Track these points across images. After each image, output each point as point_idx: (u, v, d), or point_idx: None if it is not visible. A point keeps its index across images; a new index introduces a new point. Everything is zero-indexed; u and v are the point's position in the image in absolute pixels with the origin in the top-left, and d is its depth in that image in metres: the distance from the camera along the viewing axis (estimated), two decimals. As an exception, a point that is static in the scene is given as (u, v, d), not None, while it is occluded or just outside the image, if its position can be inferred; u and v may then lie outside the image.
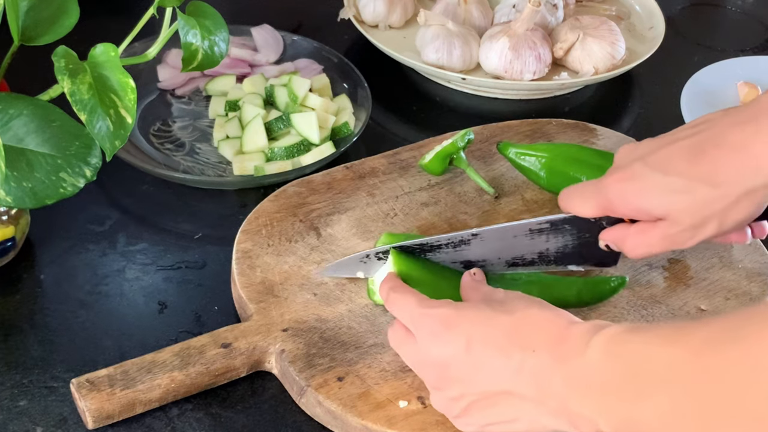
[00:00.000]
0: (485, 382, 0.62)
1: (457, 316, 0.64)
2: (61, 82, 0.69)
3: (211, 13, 0.80)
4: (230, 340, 0.72)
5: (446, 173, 0.91)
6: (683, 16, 1.31)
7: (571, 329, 0.60)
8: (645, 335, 0.55)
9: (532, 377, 0.60)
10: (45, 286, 0.82)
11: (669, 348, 0.53)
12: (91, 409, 0.67)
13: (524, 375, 0.60)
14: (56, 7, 0.78)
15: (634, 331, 0.56)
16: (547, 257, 0.77)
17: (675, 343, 0.52)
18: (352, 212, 0.86)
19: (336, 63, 1.06)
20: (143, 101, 1.01)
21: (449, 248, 0.76)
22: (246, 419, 0.72)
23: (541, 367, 0.59)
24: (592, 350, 0.57)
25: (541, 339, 0.60)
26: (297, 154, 0.94)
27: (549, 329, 0.61)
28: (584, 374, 0.57)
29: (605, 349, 0.56)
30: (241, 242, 0.81)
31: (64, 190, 0.72)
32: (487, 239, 0.76)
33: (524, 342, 0.61)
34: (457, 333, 0.63)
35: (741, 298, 0.80)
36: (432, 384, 0.66)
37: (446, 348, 0.64)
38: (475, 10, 1.13)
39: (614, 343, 0.56)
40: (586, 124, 1.00)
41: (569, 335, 0.59)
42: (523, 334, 0.61)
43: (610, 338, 0.56)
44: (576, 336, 0.59)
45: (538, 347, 0.60)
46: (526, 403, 0.61)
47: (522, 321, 0.62)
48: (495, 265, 0.78)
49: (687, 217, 0.68)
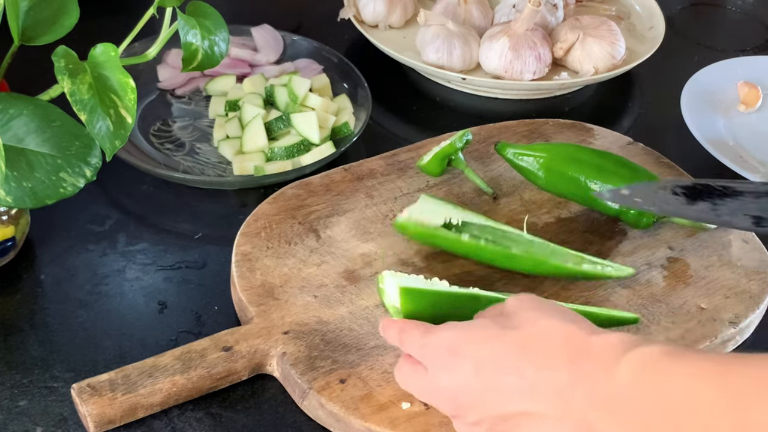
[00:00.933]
0: (500, 405, 0.60)
1: (462, 339, 0.62)
2: (61, 82, 0.69)
3: (211, 13, 0.80)
4: (231, 344, 0.72)
5: (444, 174, 0.91)
6: (683, 16, 1.31)
7: (592, 342, 0.58)
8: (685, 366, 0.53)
9: (550, 394, 0.57)
10: (45, 286, 0.81)
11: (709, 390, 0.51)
12: (92, 415, 0.67)
13: (540, 393, 0.58)
14: (56, 7, 0.78)
15: (673, 358, 0.54)
16: None
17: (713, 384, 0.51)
18: (351, 214, 0.86)
19: (336, 63, 1.06)
20: (143, 101, 1.01)
21: (750, 197, 0.72)
22: (246, 420, 0.72)
23: (559, 384, 0.57)
24: (624, 371, 0.55)
25: (556, 353, 0.58)
26: (297, 154, 0.94)
27: (564, 342, 0.58)
28: (613, 394, 0.55)
29: (640, 373, 0.54)
30: (241, 245, 0.81)
31: (64, 190, 0.72)
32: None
33: (537, 358, 0.59)
34: (464, 357, 0.61)
35: (740, 296, 0.80)
36: (450, 412, 0.64)
37: (455, 375, 0.61)
38: (475, 10, 1.13)
39: (650, 369, 0.54)
40: (583, 124, 1.00)
41: (591, 349, 0.57)
42: (534, 350, 0.59)
43: (646, 361, 0.54)
44: (601, 350, 0.57)
45: (553, 363, 0.58)
46: (546, 423, 0.58)
47: (532, 335, 0.60)
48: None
49: None
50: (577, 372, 0.57)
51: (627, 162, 0.86)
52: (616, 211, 0.85)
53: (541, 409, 0.58)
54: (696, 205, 0.72)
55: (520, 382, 0.59)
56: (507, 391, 0.59)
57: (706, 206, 0.72)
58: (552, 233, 0.85)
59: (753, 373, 0.51)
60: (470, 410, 0.62)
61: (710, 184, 0.72)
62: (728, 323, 0.78)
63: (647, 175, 0.85)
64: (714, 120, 1.04)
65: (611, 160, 0.86)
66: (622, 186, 0.74)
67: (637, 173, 0.85)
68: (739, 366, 0.52)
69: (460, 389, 0.61)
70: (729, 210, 0.72)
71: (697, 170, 0.94)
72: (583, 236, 0.86)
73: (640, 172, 0.85)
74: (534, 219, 0.87)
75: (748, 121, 1.06)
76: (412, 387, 0.66)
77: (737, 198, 0.72)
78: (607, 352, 0.56)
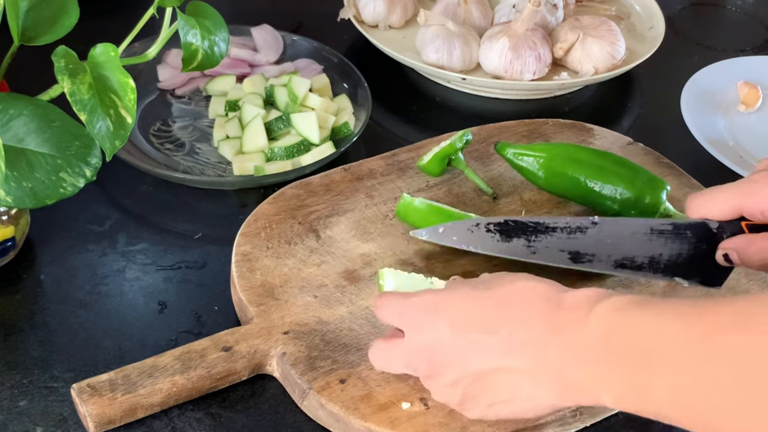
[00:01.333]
0: (475, 362, 0.61)
1: (438, 299, 0.64)
2: (61, 82, 0.69)
3: (211, 13, 0.80)
4: (231, 344, 0.72)
5: (444, 174, 0.91)
6: (683, 16, 1.31)
7: (565, 297, 0.59)
8: (654, 309, 0.54)
9: (524, 349, 0.58)
10: (45, 286, 0.81)
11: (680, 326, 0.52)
12: (92, 415, 0.67)
13: (515, 348, 0.59)
14: (56, 7, 0.78)
15: (642, 304, 0.55)
16: (657, 264, 0.74)
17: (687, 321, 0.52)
18: (350, 214, 0.86)
19: (336, 63, 1.06)
20: (143, 101, 1.01)
21: (564, 233, 0.74)
22: (246, 420, 0.72)
23: (533, 338, 0.58)
24: (596, 319, 0.56)
25: (530, 310, 0.59)
26: (297, 154, 0.94)
27: (538, 299, 0.60)
28: (586, 344, 0.56)
29: (611, 320, 0.55)
30: (241, 245, 0.81)
31: (64, 190, 0.72)
32: (605, 231, 0.74)
33: (511, 315, 0.60)
34: (440, 316, 0.63)
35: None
36: (424, 373, 0.65)
37: (432, 333, 0.63)
38: (475, 10, 1.13)
39: (621, 314, 0.55)
40: (583, 124, 1.00)
41: (564, 304, 0.58)
42: (509, 307, 0.60)
43: (616, 308, 0.56)
44: (573, 304, 0.58)
45: (527, 318, 0.59)
46: (521, 378, 0.59)
47: (507, 294, 0.61)
48: (602, 263, 0.74)
49: None
50: (550, 326, 0.58)
51: (627, 162, 0.86)
52: (616, 211, 0.85)
53: (517, 364, 0.59)
54: (511, 242, 0.74)
55: (495, 339, 0.60)
56: (482, 348, 0.60)
57: (521, 243, 0.74)
58: (552, 233, 0.85)
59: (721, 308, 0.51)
60: (446, 369, 0.63)
61: (522, 221, 0.74)
62: (728, 323, 0.78)
63: (647, 175, 0.85)
64: (714, 120, 1.04)
65: (611, 160, 0.86)
66: (439, 225, 0.76)
67: (637, 173, 0.85)
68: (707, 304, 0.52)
69: (436, 347, 0.63)
70: (544, 246, 0.74)
71: (697, 170, 0.94)
72: (583, 236, 0.86)
73: (640, 172, 0.85)
74: (534, 219, 0.87)
75: (748, 121, 1.06)
76: (388, 361, 0.67)
77: (551, 234, 0.74)
78: (579, 304, 0.57)
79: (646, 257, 0.74)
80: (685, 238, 0.73)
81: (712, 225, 0.72)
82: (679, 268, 0.74)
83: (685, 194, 0.90)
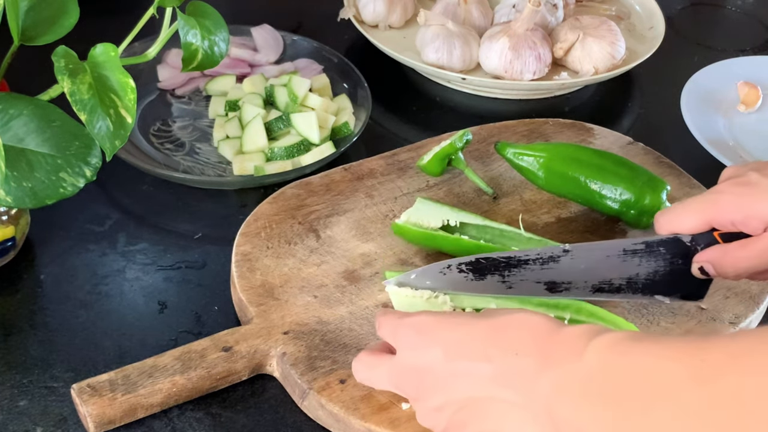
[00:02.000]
0: (465, 389, 0.60)
1: (433, 322, 0.63)
2: (61, 82, 0.69)
3: (211, 13, 0.80)
4: (231, 344, 0.72)
5: (445, 174, 0.91)
6: (683, 16, 1.31)
7: (561, 332, 0.58)
8: (649, 347, 0.53)
9: (515, 379, 0.58)
10: (45, 286, 0.81)
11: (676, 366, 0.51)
12: (92, 415, 0.67)
13: (507, 378, 0.58)
14: (56, 7, 0.78)
15: (637, 341, 0.54)
16: (635, 284, 0.73)
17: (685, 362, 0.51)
18: (351, 214, 0.86)
19: (336, 63, 1.06)
20: (143, 101, 1.01)
21: (536, 265, 0.72)
22: (246, 419, 0.72)
23: (525, 370, 0.57)
24: (590, 356, 0.55)
25: (525, 341, 0.58)
26: (297, 154, 0.94)
27: (534, 331, 0.59)
28: (578, 380, 0.55)
29: (605, 356, 0.54)
30: (241, 245, 0.81)
31: (64, 190, 0.72)
32: (578, 257, 0.72)
33: (506, 344, 0.59)
34: (434, 339, 0.62)
35: (740, 296, 0.80)
36: (413, 395, 0.64)
37: (424, 355, 0.62)
38: (475, 10, 1.13)
39: (616, 351, 0.54)
40: (583, 124, 1.00)
41: (559, 338, 0.57)
42: (504, 337, 0.59)
43: (611, 345, 0.55)
44: (568, 339, 0.57)
45: (521, 350, 0.58)
46: (510, 410, 0.58)
47: (503, 323, 0.60)
48: (579, 290, 0.73)
49: None
50: (544, 359, 0.57)
51: (627, 162, 0.86)
52: (616, 211, 0.85)
53: (505, 395, 0.58)
54: (485, 279, 0.72)
55: (487, 367, 0.59)
56: (473, 375, 0.59)
57: (495, 279, 0.73)
58: (552, 233, 0.85)
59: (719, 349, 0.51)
60: (435, 393, 0.62)
61: (493, 257, 0.73)
62: (728, 323, 0.78)
63: (647, 175, 0.85)
64: (714, 120, 1.04)
65: (611, 160, 0.86)
66: (411, 271, 0.73)
67: (636, 173, 0.85)
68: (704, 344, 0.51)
69: (426, 371, 0.62)
70: (519, 280, 0.72)
71: (697, 170, 0.94)
72: (583, 236, 0.86)
73: (640, 172, 0.85)
74: (534, 219, 0.87)
75: (748, 121, 1.06)
76: (372, 375, 0.66)
77: (524, 267, 0.72)
78: (574, 339, 0.57)
79: (623, 279, 0.73)
80: (660, 255, 0.72)
81: (685, 239, 0.72)
82: (658, 286, 0.73)
83: (685, 194, 0.90)
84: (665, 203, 0.84)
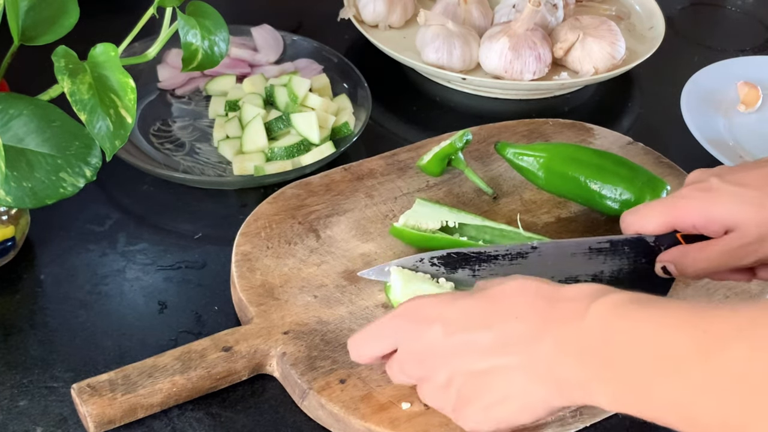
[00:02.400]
0: (467, 361, 0.61)
1: (427, 304, 0.64)
2: (61, 82, 0.69)
3: (211, 13, 0.80)
4: (231, 344, 0.72)
5: (445, 174, 0.91)
6: (683, 16, 1.31)
7: (561, 292, 0.59)
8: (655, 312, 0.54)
9: (516, 344, 0.58)
10: (45, 286, 0.81)
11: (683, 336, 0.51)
12: (92, 415, 0.67)
13: (507, 344, 0.59)
14: (56, 7, 0.78)
15: (642, 305, 0.55)
16: (600, 281, 0.75)
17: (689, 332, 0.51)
18: (350, 214, 0.86)
19: (336, 63, 1.06)
20: (143, 101, 1.01)
21: (505, 260, 0.75)
22: (246, 419, 0.72)
23: (526, 332, 0.58)
24: (593, 316, 0.55)
25: (523, 306, 0.59)
26: (297, 154, 0.94)
27: (532, 294, 0.60)
28: (582, 339, 0.55)
29: (609, 318, 0.55)
30: (241, 245, 0.81)
31: (64, 190, 0.72)
32: (545, 254, 0.75)
33: (503, 311, 0.60)
34: (431, 318, 0.62)
35: (741, 296, 0.80)
36: (417, 376, 0.65)
37: (423, 336, 0.63)
38: (475, 10, 1.13)
39: (620, 314, 0.55)
40: (583, 124, 1.00)
41: (561, 298, 0.58)
42: (501, 304, 0.60)
43: (615, 306, 0.55)
44: (569, 299, 0.57)
45: (521, 313, 0.59)
46: (514, 374, 0.59)
47: (499, 292, 0.61)
48: None
49: (755, 228, 0.68)
50: (546, 319, 0.57)
51: (627, 162, 0.86)
52: (616, 211, 0.85)
53: (508, 361, 0.59)
54: (456, 272, 0.76)
55: (487, 336, 0.60)
56: (474, 346, 0.60)
57: (466, 273, 0.76)
58: (552, 233, 0.85)
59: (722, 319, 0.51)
60: (438, 370, 0.62)
61: (464, 252, 0.76)
62: (728, 323, 0.78)
63: (647, 175, 0.85)
64: (714, 120, 1.04)
65: (611, 160, 0.86)
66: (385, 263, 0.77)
67: (636, 173, 0.85)
68: (708, 312, 0.52)
69: (428, 350, 0.62)
70: (488, 274, 0.75)
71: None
72: (583, 236, 0.85)
73: (640, 172, 0.85)
74: (534, 219, 0.87)
75: (748, 121, 1.06)
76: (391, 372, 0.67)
77: (493, 262, 0.75)
78: (577, 298, 0.57)
79: (588, 275, 0.75)
80: (624, 253, 0.75)
81: (648, 239, 0.74)
82: (622, 284, 0.74)
83: (685, 194, 0.90)
84: (665, 203, 0.84)
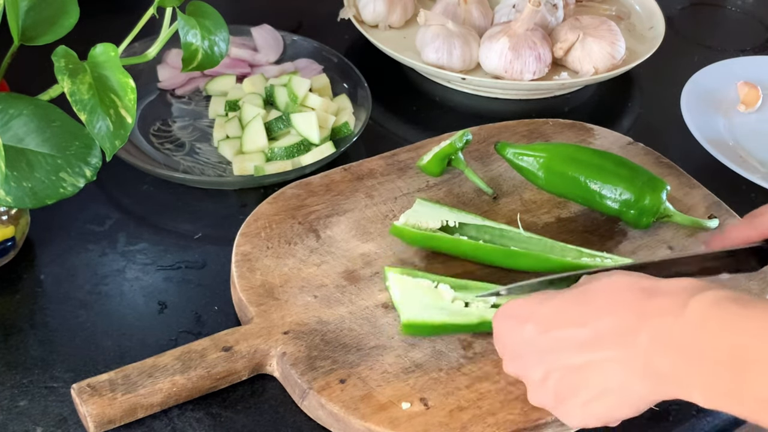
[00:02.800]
0: (563, 357, 0.61)
1: (521, 303, 0.65)
2: (61, 82, 0.69)
3: (211, 13, 0.80)
4: (231, 344, 0.72)
5: (444, 174, 0.91)
6: (683, 16, 1.31)
7: (659, 286, 0.58)
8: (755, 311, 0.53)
9: (612, 338, 0.58)
10: (45, 286, 0.81)
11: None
12: (92, 415, 0.67)
13: (603, 339, 0.58)
14: (56, 7, 0.78)
15: (742, 303, 0.54)
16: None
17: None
18: (351, 214, 0.86)
19: (336, 63, 1.06)
20: (143, 101, 1.01)
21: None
22: (246, 419, 0.72)
23: (622, 327, 0.57)
24: (692, 311, 0.55)
25: (620, 300, 0.59)
26: (297, 154, 0.94)
27: (626, 289, 0.59)
28: (679, 334, 0.55)
29: (708, 314, 0.54)
30: (241, 245, 0.81)
31: (64, 190, 0.72)
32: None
33: (599, 306, 0.59)
34: (524, 318, 0.63)
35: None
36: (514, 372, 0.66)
37: (519, 335, 0.63)
38: (475, 10, 1.13)
39: (719, 310, 0.54)
40: (583, 124, 1.00)
41: (659, 291, 0.57)
42: (595, 300, 0.60)
43: (714, 302, 0.54)
44: (669, 292, 0.57)
45: (615, 308, 0.58)
46: (611, 367, 0.58)
47: (592, 289, 0.61)
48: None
49: None
50: (643, 313, 0.57)
51: (627, 162, 0.86)
52: (616, 211, 0.85)
53: (606, 355, 0.58)
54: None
55: (582, 332, 0.59)
56: (570, 342, 0.60)
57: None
58: (552, 233, 0.85)
59: None
60: (535, 366, 0.63)
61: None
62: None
63: (647, 175, 0.85)
64: (714, 120, 1.04)
65: (611, 160, 0.86)
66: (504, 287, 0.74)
67: (636, 173, 0.85)
68: None
69: (524, 347, 0.63)
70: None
71: (697, 170, 0.94)
72: (583, 236, 0.86)
73: (640, 172, 0.85)
74: (534, 219, 0.87)
75: (748, 121, 1.06)
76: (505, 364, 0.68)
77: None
78: (675, 293, 0.56)
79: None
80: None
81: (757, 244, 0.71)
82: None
83: (685, 194, 0.90)
84: (665, 203, 0.84)
